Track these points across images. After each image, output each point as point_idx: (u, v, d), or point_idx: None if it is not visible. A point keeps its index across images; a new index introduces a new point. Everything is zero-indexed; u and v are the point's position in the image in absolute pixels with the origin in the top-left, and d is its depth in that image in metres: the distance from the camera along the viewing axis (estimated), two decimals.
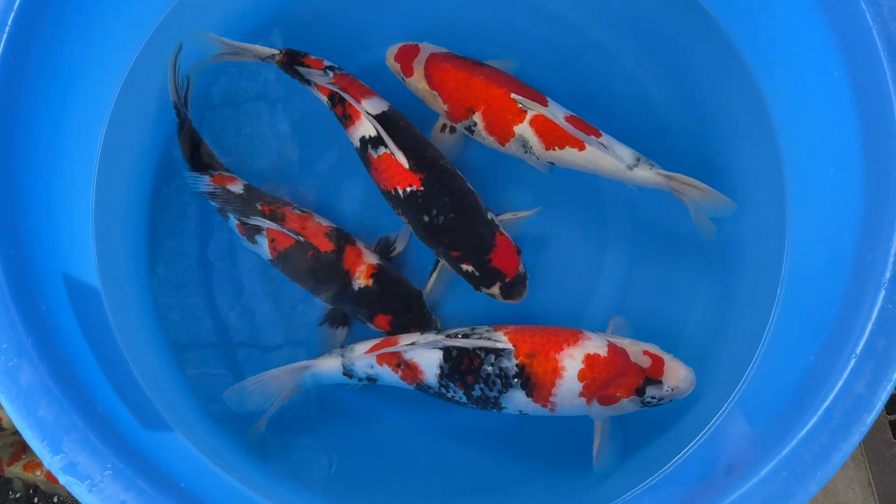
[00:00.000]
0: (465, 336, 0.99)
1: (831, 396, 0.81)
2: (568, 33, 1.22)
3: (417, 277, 1.13)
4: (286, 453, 1.10)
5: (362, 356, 1.03)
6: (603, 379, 0.94)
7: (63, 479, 0.77)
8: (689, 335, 1.10)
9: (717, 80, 1.16)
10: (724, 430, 0.95)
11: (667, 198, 1.17)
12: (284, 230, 1.04)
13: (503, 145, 1.09)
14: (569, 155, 1.05)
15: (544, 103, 1.06)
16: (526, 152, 1.08)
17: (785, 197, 1.06)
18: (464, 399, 1.00)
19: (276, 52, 1.11)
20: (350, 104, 1.06)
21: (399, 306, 1.07)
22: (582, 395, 0.95)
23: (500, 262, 1.04)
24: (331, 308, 1.11)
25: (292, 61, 1.10)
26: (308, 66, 1.09)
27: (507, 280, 1.05)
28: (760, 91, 1.11)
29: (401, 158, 1.02)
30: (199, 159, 1.11)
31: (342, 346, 1.07)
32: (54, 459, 0.77)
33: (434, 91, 1.09)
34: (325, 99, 1.10)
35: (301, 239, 1.05)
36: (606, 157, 1.03)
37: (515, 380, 0.95)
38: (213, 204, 1.10)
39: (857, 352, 0.82)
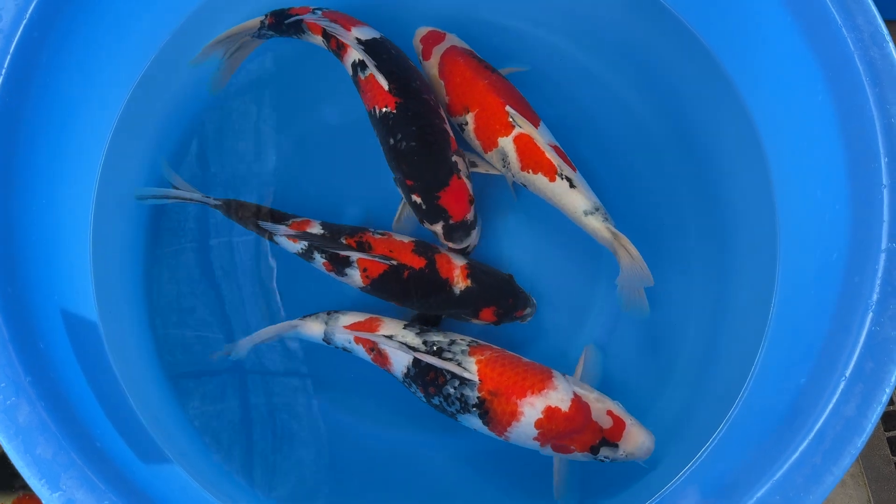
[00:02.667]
0: (440, 350, 1.00)
1: (822, 419, 0.81)
2: (557, 58, 1.24)
3: None
4: (286, 483, 1.10)
5: (342, 330, 1.06)
6: (559, 431, 0.94)
7: None
8: (682, 359, 1.11)
9: (707, 105, 1.18)
10: (717, 454, 0.96)
11: (660, 221, 1.19)
12: (376, 258, 1.05)
13: (485, 152, 1.11)
14: (539, 181, 1.07)
15: (536, 125, 1.08)
16: (503, 166, 1.10)
17: (775, 220, 1.07)
18: (423, 400, 1.02)
19: (262, 18, 1.16)
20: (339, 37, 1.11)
21: (499, 294, 1.08)
22: (536, 439, 0.95)
23: (448, 202, 1.06)
24: (421, 314, 1.12)
25: (281, 19, 1.15)
26: (297, 15, 1.14)
27: (450, 221, 1.07)
28: (749, 115, 1.12)
29: (381, 80, 1.06)
30: (267, 217, 1.13)
31: (328, 313, 1.09)
32: (53, 497, 0.78)
33: (441, 80, 1.13)
34: (320, 39, 1.14)
35: (394, 262, 1.06)
36: (570, 195, 1.05)
37: (474, 409, 0.96)
38: (297, 249, 1.10)
39: (847, 374, 0.82)
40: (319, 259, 1.09)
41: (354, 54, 1.09)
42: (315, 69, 1.23)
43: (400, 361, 1.01)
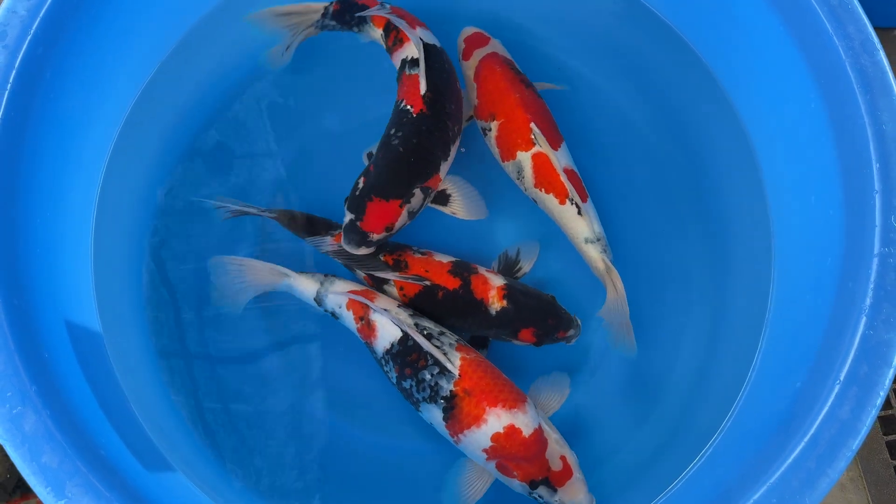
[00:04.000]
0: (430, 336, 1.00)
1: (817, 423, 0.82)
2: (555, 68, 1.25)
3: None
4: (290, 491, 1.11)
5: (336, 293, 1.06)
6: (511, 453, 0.94)
7: None
8: (680, 363, 1.11)
9: (701, 113, 1.19)
10: (714, 458, 0.96)
11: (657, 228, 1.19)
12: (409, 278, 1.06)
13: (503, 161, 1.13)
14: (548, 201, 1.09)
15: (556, 145, 1.09)
16: (517, 178, 1.12)
17: (770, 226, 1.08)
18: (393, 380, 1.02)
19: (328, 3, 1.17)
20: (403, 31, 1.10)
21: (538, 316, 1.06)
22: (486, 451, 0.96)
23: (372, 211, 1.03)
24: (471, 336, 1.12)
25: (346, 7, 1.16)
26: (364, 5, 1.15)
27: (356, 223, 1.03)
28: (742, 123, 1.14)
29: (422, 84, 1.05)
30: (316, 226, 1.14)
31: (325, 275, 1.10)
32: None
33: (475, 83, 1.15)
34: (378, 32, 1.15)
35: (427, 283, 1.06)
36: (575, 220, 1.07)
37: (442, 401, 0.97)
38: (339, 260, 1.11)
39: (842, 378, 0.83)
40: (360, 272, 1.10)
41: (410, 50, 1.10)
42: (316, 78, 1.25)
43: (386, 336, 1.02)
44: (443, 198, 1.11)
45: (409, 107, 1.06)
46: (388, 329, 1.01)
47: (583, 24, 1.25)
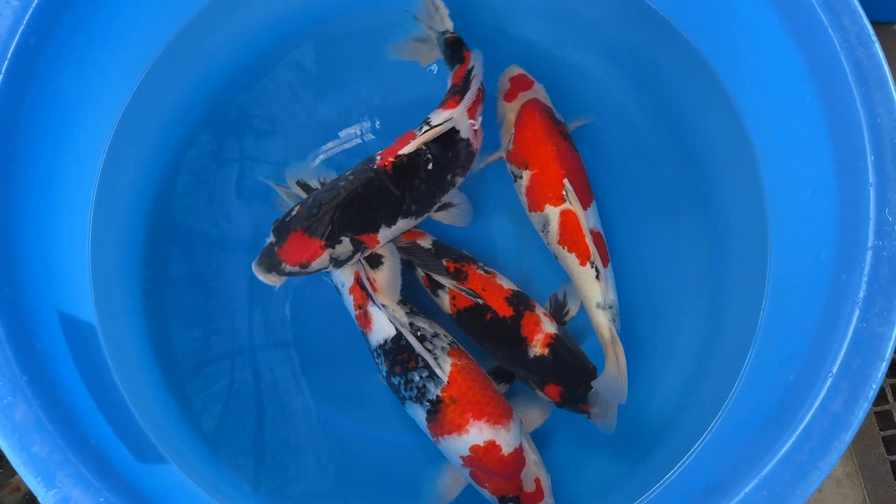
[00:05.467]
0: (422, 337, 1.00)
1: (809, 416, 0.82)
2: (550, 63, 1.25)
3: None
4: (284, 483, 1.11)
5: (345, 271, 1.05)
6: (485, 466, 0.94)
7: None
8: (674, 359, 1.12)
9: (697, 105, 1.19)
10: (707, 452, 0.96)
11: (653, 221, 1.19)
12: (464, 291, 1.05)
13: (529, 211, 1.11)
14: (570, 261, 1.07)
15: (587, 205, 1.08)
16: (542, 231, 1.10)
17: (765, 218, 1.08)
18: (383, 374, 1.02)
19: (448, 29, 1.13)
20: (455, 100, 1.04)
21: (572, 379, 1.03)
22: (462, 458, 0.96)
23: (293, 241, 0.99)
24: (498, 364, 1.11)
25: (455, 48, 1.12)
26: (464, 57, 1.10)
27: (272, 245, 1.00)
28: (739, 115, 1.13)
29: (409, 147, 0.99)
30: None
31: None
32: (48, 494, 0.79)
33: (513, 128, 1.13)
34: (450, 83, 1.09)
35: (480, 301, 1.05)
36: (592, 284, 1.05)
37: (427, 403, 0.97)
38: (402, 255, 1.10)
39: (834, 371, 0.83)
40: (420, 271, 1.09)
41: (438, 117, 1.02)
42: (313, 73, 1.25)
43: (380, 332, 1.01)
44: (374, 260, 1.06)
45: (378, 156, 1.01)
46: (382, 324, 1.01)
47: (576, 14, 1.25)
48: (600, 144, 1.23)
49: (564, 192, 1.06)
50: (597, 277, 1.04)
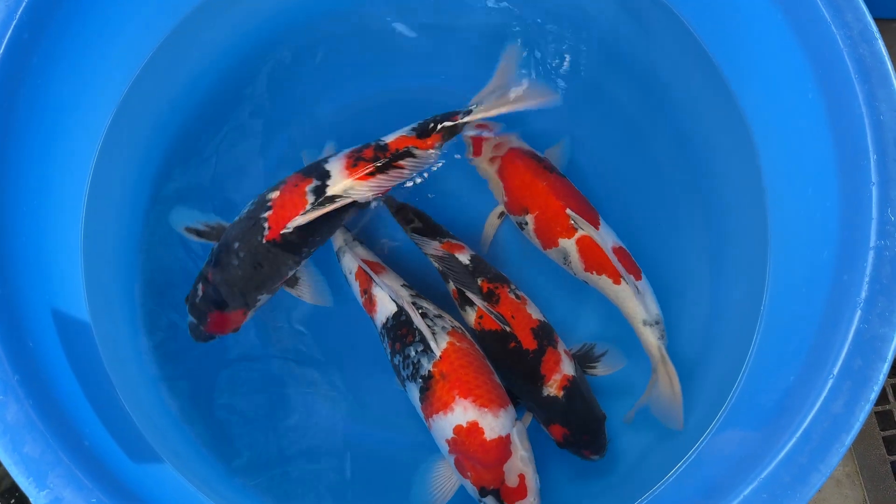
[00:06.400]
0: (425, 315, 0.99)
1: (810, 417, 0.81)
2: (549, 52, 1.24)
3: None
4: (279, 482, 1.11)
5: (352, 258, 1.08)
6: (467, 452, 0.92)
7: None
8: (674, 359, 1.10)
9: (699, 102, 1.19)
10: (706, 453, 0.95)
11: (653, 220, 1.19)
12: (494, 315, 1.03)
13: (545, 250, 1.11)
14: (603, 283, 1.06)
15: (596, 223, 1.07)
16: (564, 264, 1.09)
17: (766, 217, 1.07)
18: (388, 356, 1.03)
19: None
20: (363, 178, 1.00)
21: (578, 425, 1.02)
22: (448, 442, 0.94)
23: (214, 319, 1.03)
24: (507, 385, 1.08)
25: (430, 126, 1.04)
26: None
27: (194, 324, 1.05)
28: (741, 111, 1.12)
29: (300, 220, 0.97)
30: (428, 226, 1.12)
31: (354, 236, 1.11)
32: (39, 495, 0.78)
33: (500, 180, 1.12)
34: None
35: (508, 329, 1.03)
36: (634, 300, 1.04)
37: (420, 380, 0.96)
38: (436, 267, 1.09)
39: (835, 372, 0.82)
40: (452, 285, 1.08)
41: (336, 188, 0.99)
42: (305, 75, 1.25)
43: (383, 312, 1.02)
44: (291, 280, 1.08)
45: (266, 222, 0.98)
46: (385, 304, 1.02)
47: (577, 7, 1.24)
48: (600, 143, 1.22)
49: (573, 222, 1.05)
50: (637, 292, 1.03)
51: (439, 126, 1.02)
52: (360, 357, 1.16)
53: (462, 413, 0.92)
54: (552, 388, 1.01)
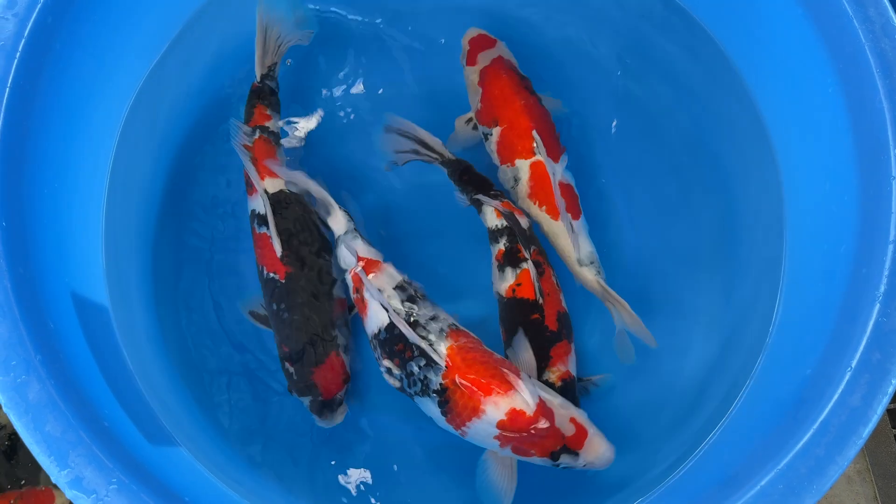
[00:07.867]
0: (416, 322, 0.97)
1: (827, 409, 0.81)
2: (564, 49, 1.24)
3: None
4: (293, 467, 1.11)
5: (348, 251, 1.05)
6: (521, 436, 0.92)
7: (69, 494, 0.78)
8: (691, 349, 1.11)
9: (716, 97, 1.19)
10: (722, 443, 0.96)
11: (670, 212, 1.18)
12: (536, 285, 1.03)
13: (500, 166, 1.11)
14: (542, 217, 1.08)
15: (556, 159, 1.08)
16: (512, 186, 1.10)
17: (783, 211, 1.07)
18: (380, 364, 1.00)
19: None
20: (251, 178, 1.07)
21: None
22: (497, 438, 0.93)
23: (321, 378, 1.04)
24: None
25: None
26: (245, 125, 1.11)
27: (319, 398, 1.05)
28: (758, 107, 1.12)
29: (276, 244, 1.04)
30: (485, 186, 1.11)
31: (356, 228, 1.08)
32: (61, 474, 0.78)
33: (479, 88, 1.13)
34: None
35: (540, 301, 1.03)
36: (567, 240, 1.05)
37: (434, 395, 0.94)
38: (487, 227, 1.10)
39: (853, 365, 0.82)
40: (503, 242, 1.07)
41: (256, 204, 1.08)
42: (312, 70, 1.25)
43: (374, 320, 1.00)
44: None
45: (272, 274, 1.05)
46: (377, 313, 0.99)
47: (594, 3, 1.24)
48: (616, 135, 1.22)
49: (535, 145, 1.06)
50: (570, 232, 1.04)
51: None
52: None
53: (495, 409, 0.91)
54: (552, 376, 1.02)
